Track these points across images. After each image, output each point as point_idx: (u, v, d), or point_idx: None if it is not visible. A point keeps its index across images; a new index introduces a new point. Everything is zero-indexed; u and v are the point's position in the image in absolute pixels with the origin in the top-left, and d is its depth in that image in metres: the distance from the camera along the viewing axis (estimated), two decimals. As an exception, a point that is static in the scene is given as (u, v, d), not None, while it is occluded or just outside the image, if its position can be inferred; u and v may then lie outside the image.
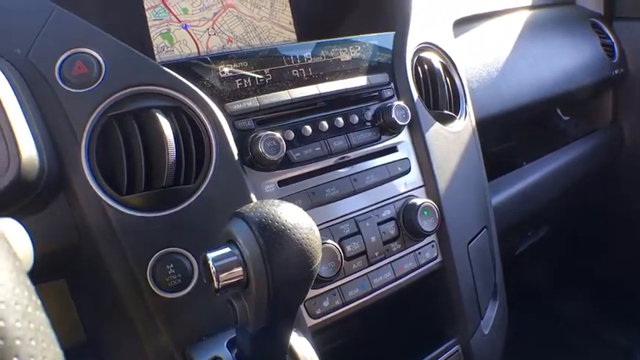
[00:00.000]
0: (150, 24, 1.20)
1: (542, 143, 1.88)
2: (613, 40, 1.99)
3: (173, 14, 1.22)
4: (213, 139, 0.91)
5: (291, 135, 1.00)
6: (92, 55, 0.88)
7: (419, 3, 1.28)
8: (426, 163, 1.14)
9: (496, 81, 1.47)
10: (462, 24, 1.45)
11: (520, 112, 1.54)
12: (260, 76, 1.01)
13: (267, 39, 1.33)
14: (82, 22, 0.89)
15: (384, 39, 1.19)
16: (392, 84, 1.15)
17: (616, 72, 1.93)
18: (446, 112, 1.21)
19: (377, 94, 1.13)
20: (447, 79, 1.25)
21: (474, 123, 1.28)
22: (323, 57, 1.10)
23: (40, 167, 0.79)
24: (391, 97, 1.14)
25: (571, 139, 1.91)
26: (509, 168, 1.73)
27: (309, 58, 1.08)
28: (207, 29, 1.26)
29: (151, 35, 1.20)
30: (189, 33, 1.24)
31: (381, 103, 1.13)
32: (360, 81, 1.11)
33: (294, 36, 1.36)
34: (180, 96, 0.91)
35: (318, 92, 1.04)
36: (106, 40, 0.89)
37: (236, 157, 0.93)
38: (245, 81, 1.00)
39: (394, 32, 1.21)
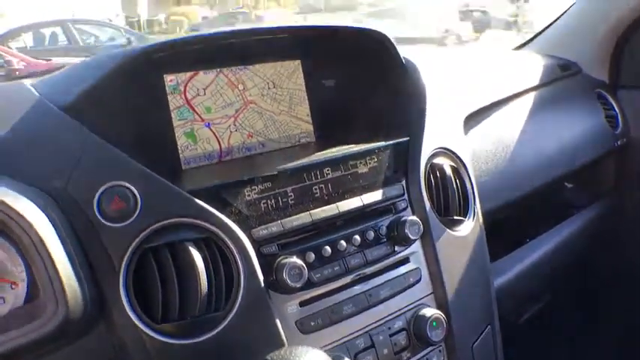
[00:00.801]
0: (175, 124, 1.25)
1: (545, 213, 1.93)
2: (617, 109, 2.04)
3: (197, 113, 1.27)
4: (241, 267, 0.97)
5: (312, 257, 1.05)
6: (128, 189, 0.93)
7: (433, 104, 1.33)
8: (435, 272, 1.19)
9: (504, 170, 1.52)
10: (472, 117, 1.50)
11: (527, 198, 1.59)
12: (283, 198, 1.07)
13: (286, 132, 1.38)
14: (116, 153, 0.95)
15: (399, 146, 1.24)
16: (405, 195, 1.21)
17: (619, 143, 1.98)
18: (456, 217, 1.27)
19: (391, 206, 1.18)
20: (457, 181, 1.30)
21: (481, 221, 1.34)
22: (342, 171, 1.15)
23: (84, 304, 0.85)
24: (405, 209, 1.20)
25: (574, 209, 1.96)
26: (512, 239, 1.78)
27: (329, 173, 1.13)
28: (229, 126, 1.31)
29: (176, 135, 1.25)
30: (211, 131, 1.29)
31: (395, 216, 1.18)
32: (376, 195, 1.16)
33: (310, 127, 1.42)
34: (211, 227, 0.96)
35: (337, 212, 1.10)
36: (141, 173, 0.94)
37: (262, 284, 0.98)
38: (269, 202, 1.05)
39: (408, 138, 1.25)
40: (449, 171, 1.28)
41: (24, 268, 0.87)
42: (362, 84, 1.40)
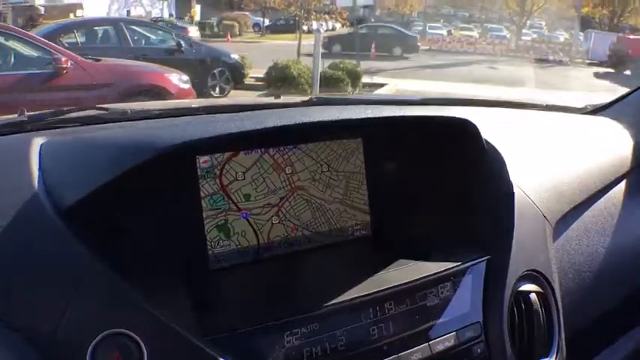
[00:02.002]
0: (205, 214, 1.02)
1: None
2: None
3: (233, 202, 1.05)
4: None
5: None
6: (132, 340, 0.70)
7: (520, 208, 1.07)
8: None
9: (595, 285, 1.26)
10: (560, 221, 1.24)
11: (619, 307, 1.32)
12: (332, 344, 0.83)
13: (338, 224, 1.15)
14: (122, 288, 0.72)
15: (478, 268, 0.99)
16: (483, 335, 0.95)
17: None
18: (541, 360, 1.01)
19: (465, 353, 0.93)
20: (544, 313, 1.04)
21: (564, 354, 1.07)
22: (407, 305, 0.90)
23: None
24: (480, 356, 0.94)
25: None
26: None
27: (391, 309, 0.89)
28: (271, 217, 1.08)
29: (205, 227, 1.02)
30: (249, 223, 1.06)
31: None
32: (448, 340, 0.91)
33: (367, 219, 1.18)
34: None
35: (401, 372, 0.85)
36: (149, 320, 0.72)
37: None
38: (314, 351, 0.82)
39: (488, 257, 1.00)
40: (536, 303, 1.02)
41: None
42: (432, 169, 1.16)
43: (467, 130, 1.06)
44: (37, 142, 0.95)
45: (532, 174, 1.24)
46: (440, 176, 1.15)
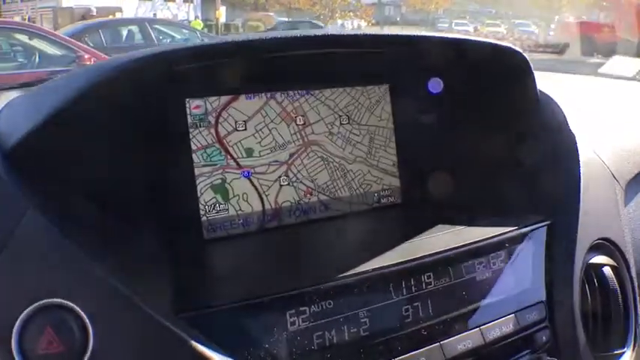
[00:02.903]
0: (197, 172, 0.83)
1: None
2: None
3: (232, 157, 0.85)
4: None
5: None
6: (74, 314, 0.51)
7: (586, 167, 0.85)
8: None
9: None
10: (631, 184, 1.01)
11: None
12: (352, 328, 0.62)
13: (361, 188, 0.94)
14: (65, 249, 0.53)
15: (537, 235, 0.78)
16: (547, 320, 0.74)
17: None
18: (616, 352, 0.79)
19: (526, 341, 0.72)
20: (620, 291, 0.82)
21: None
22: (451, 278, 0.69)
23: None
24: (546, 345, 0.73)
25: None
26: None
27: (430, 282, 0.68)
28: (279, 177, 0.88)
29: (198, 188, 0.83)
30: (252, 184, 0.86)
31: (532, 355, 0.72)
32: (505, 326, 0.70)
33: (397, 183, 0.97)
34: None
35: (442, 358, 0.64)
36: (100, 291, 0.53)
37: None
38: (327, 337, 0.62)
39: (550, 221, 0.79)
40: (612, 279, 0.80)
41: None
42: (475, 121, 0.94)
43: (518, 69, 0.85)
44: (9, 96, 0.78)
45: (594, 131, 1.02)
46: (485, 129, 0.93)
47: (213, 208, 0.84)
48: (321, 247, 0.83)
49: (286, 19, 25.95)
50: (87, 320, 0.51)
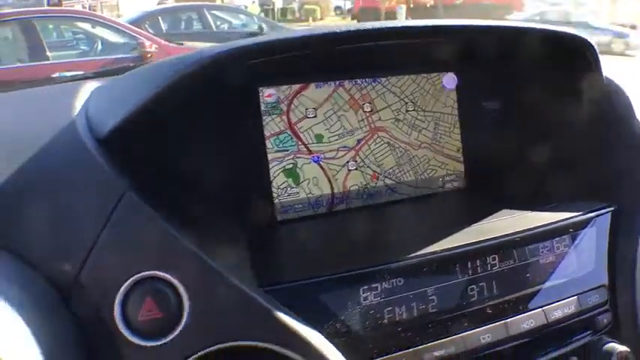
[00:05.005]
0: (270, 157, 0.88)
1: None
2: None
3: (302, 143, 0.89)
4: None
5: None
6: (170, 285, 0.56)
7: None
8: None
9: None
10: None
11: None
12: (420, 304, 0.66)
13: (426, 173, 0.97)
14: (161, 226, 0.58)
15: (600, 222, 0.79)
16: (608, 303, 0.76)
17: None
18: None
19: (587, 323, 0.74)
20: None
21: None
22: (515, 260, 0.72)
23: None
24: (607, 327, 0.75)
25: None
26: None
27: (495, 264, 0.71)
28: (347, 162, 0.92)
29: (271, 172, 0.88)
30: (321, 168, 0.91)
31: (591, 338, 0.74)
32: (567, 307, 0.72)
33: (461, 168, 1.00)
34: (299, 359, 0.57)
35: (507, 334, 0.68)
36: (193, 264, 0.58)
37: None
38: (398, 313, 0.65)
39: (614, 207, 0.80)
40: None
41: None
42: (540, 109, 0.95)
43: (584, 56, 0.85)
44: (93, 85, 0.84)
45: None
46: (550, 116, 0.94)
47: (285, 192, 0.89)
48: (387, 230, 0.87)
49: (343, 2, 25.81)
50: (181, 290, 0.57)
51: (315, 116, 0.90)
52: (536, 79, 0.94)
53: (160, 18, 9.96)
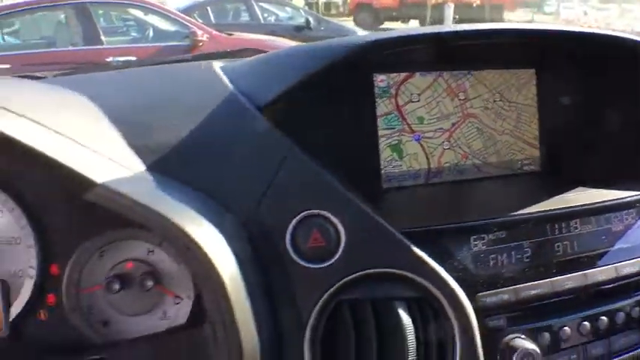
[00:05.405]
0: (380, 133, 1.04)
1: None
2: None
3: (407, 123, 1.06)
4: (458, 341, 0.74)
5: (546, 339, 0.80)
6: (330, 222, 0.73)
7: None
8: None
9: None
10: None
11: None
12: (517, 254, 0.82)
13: (507, 156, 1.13)
14: (320, 173, 0.75)
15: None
16: None
17: None
18: None
19: None
20: None
21: None
22: (593, 226, 0.87)
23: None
24: None
25: None
26: None
27: (577, 227, 0.86)
28: (443, 142, 1.08)
29: (380, 147, 1.04)
30: (421, 146, 1.07)
31: None
32: (633, 266, 0.88)
33: (537, 153, 1.15)
34: (429, 286, 0.74)
35: (585, 282, 0.83)
36: (347, 203, 0.75)
37: None
38: (500, 259, 0.81)
39: None
40: None
41: (192, 288, 0.75)
42: (608, 105, 1.10)
43: None
44: (216, 64, 1.01)
45: None
46: (619, 109, 1.09)
47: (390, 164, 1.05)
48: (478, 200, 1.03)
49: None
50: (339, 226, 0.74)
51: (418, 101, 1.06)
52: (606, 76, 1.08)
53: (208, 8, 10.15)
